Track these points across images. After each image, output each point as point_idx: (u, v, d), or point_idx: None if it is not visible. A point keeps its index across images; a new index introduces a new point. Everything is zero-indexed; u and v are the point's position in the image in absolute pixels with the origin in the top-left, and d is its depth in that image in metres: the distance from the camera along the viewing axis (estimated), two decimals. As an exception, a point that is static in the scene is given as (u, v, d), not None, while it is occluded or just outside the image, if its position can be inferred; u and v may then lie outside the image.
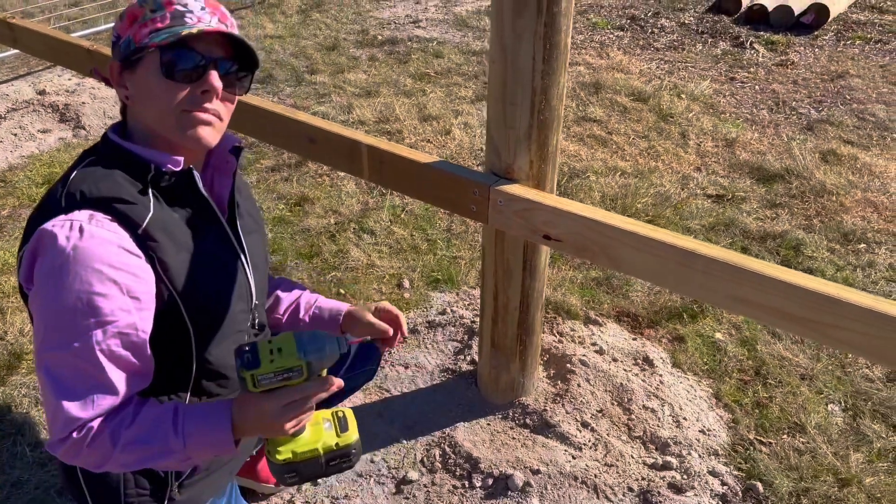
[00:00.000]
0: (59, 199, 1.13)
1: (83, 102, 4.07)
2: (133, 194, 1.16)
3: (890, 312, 1.26)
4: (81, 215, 1.10)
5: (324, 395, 1.16)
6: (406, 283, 2.79)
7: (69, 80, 4.38)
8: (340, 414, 1.28)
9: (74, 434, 1.10)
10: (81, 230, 1.09)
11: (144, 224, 1.15)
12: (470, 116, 4.06)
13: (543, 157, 1.74)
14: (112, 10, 5.50)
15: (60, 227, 1.09)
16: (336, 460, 1.23)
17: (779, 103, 4.24)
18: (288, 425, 1.14)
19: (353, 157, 1.93)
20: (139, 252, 1.14)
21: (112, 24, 4.99)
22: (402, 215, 3.20)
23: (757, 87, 4.46)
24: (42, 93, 4.17)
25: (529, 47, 1.57)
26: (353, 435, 1.24)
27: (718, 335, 2.51)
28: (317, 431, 1.23)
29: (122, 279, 1.10)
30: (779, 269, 1.39)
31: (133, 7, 1.19)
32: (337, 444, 1.22)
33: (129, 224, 1.13)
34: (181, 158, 1.21)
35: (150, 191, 1.18)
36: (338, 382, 1.17)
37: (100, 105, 4.09)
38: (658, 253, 1.52)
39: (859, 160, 3.55)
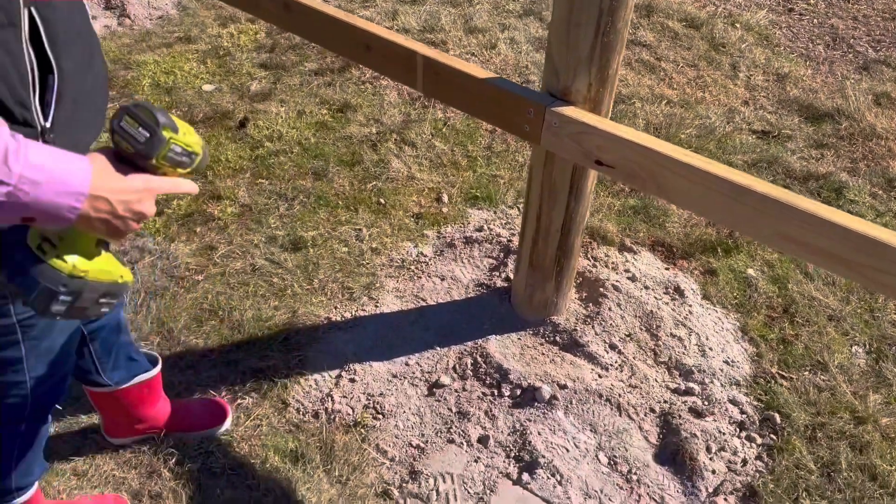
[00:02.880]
0: None
1: (128, -9, 4.03)
2: None
3: (937, 261, 1.29)
4: None
5: (175, 195, 1.03)
6: (445, 198, 2.83)
7: (113, -34, 4.32)
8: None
9: None
10: None
11: None
12: (517, 32, 3.98)
13: (602, 81, 1.73)
14: None
15: None
16: (107, 297, 1.03)
17: (836, 39, 4.10)
18: (135, 225, 0.98)
19: (409, 68, 1.93)
20: None
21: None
22: (444, 129, 3.20)
23: (815, 20, 4.30)
24: (87, -22, 4.13)
25: (601, -34, 1.54)
26: (129, 276, 1.07)
27: (751, 271, 2.54)
28: (111, 259, 1.05)
29: None
30: (827, 209, 1.41)
31: None
32: (122, 279, 1.05)
33: None
34: None
35: None
36: (193, 188, 1.07)
37: (144, -5, 4.05)
38: (710, 186, 1.53)
39: (913, 105, 3.46)
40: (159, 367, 1.86)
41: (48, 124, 1.06)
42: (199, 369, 2.18)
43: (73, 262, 0.97)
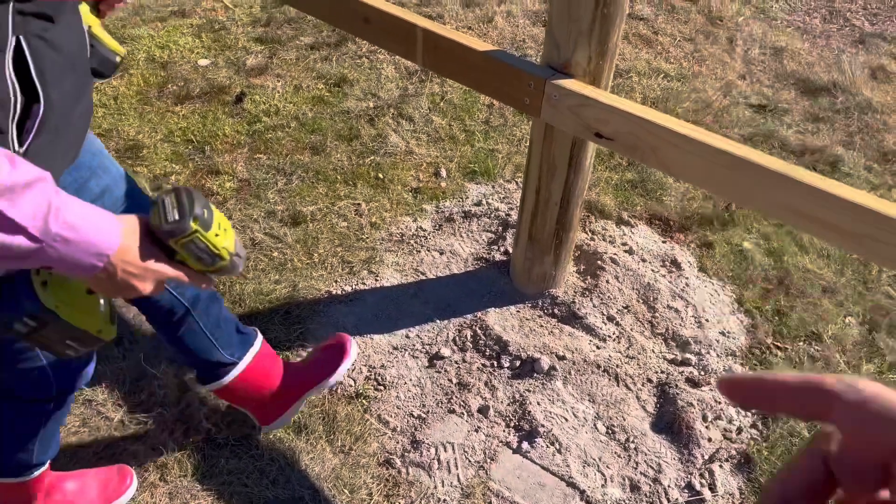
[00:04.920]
0: None
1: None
2: None
3: (932, 230, 1.31)
4: None
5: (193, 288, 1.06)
6: (443, 173, 2.83)
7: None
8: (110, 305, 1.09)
9: None
10: None
11: None
12: (513, 5, 3.95)
13: (602, 54, 1.74)
14: None
15: None
16: (75, 342, 1.02)
17: (833, 13, 4.09)
18: (125, 294, 0.97)
19: (409, 41, 1.93)
20: None
21: None
22: (441, 104, 3.19)
23: (812, -6, 4.28)
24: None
25: (602, -63, 1.54)
26: (112, 334, 1.07)
27: (747, 244, 2.57)
28: (95, 308, 1.03)
29: None
30: (824, 180, 1.43)
31: None
32: (100, 333, 1.03)
33: None
34: None
35: None
36: (204, 283, 1.07)
37: (137, -32, 4.01)
38: (709, 157, 1.55)
39: (909, 79, 3.47)
40: (259, 334, 1.83)
41: (22, 150, 1.04)
42: (202, 343, 2.19)
43: (52, 294, 0.96)
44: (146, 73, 3.29)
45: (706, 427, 1.97)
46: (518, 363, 2.11)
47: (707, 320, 2.27)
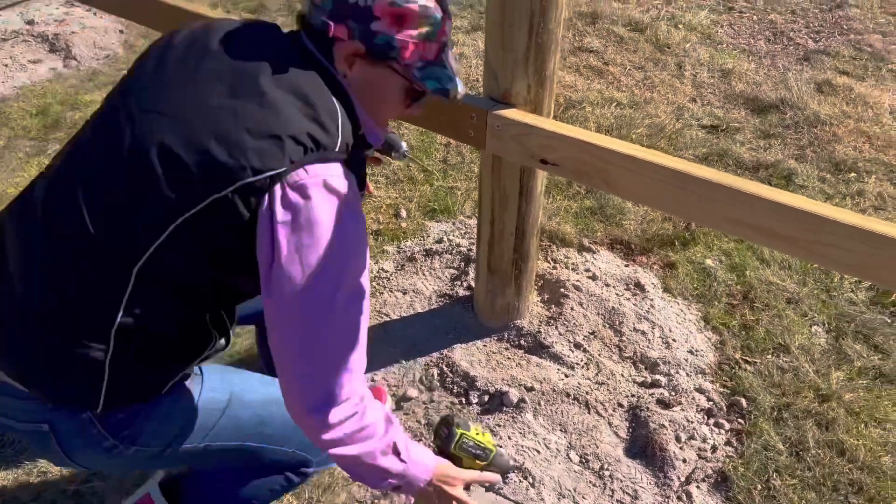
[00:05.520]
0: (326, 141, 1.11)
1: (73, 32, 4.00)
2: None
3: (873, 229, 1.32)
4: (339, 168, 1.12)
5: (483, 484, 1.40)
6: (403, 213, 2.83)
7: (57, 9, 4.29)
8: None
9: (348, 405, 1.12)
10: (345, 182, 1.11)
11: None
12: (465, 47, 4.02)
13: (541, 82, 1.76)
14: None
15: (333, 176, 1.09)
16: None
17: (776, 34, 4.21)
18: (461, 494, 1.32)
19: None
20: None
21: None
22: (399, 146, 3.20)
23: (755, 17, 4.41)
24: (31, 22, 4.09)
25: (528, -32, 1.57)
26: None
27: (709, 261, 2.58)
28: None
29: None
30: (770, 190, 1.43)
31: (410, 6, 1.15)
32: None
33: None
34: (381, 134, 1.28)
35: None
36: (496, 479, 1.40)
37: (90, 35, 4.03)
38: (654, 176, 1.55)
39: (854, 91, 3.56)
40: None
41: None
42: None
43: None
44: (100, 136, 3.27)
45: (680, 448, 1.94)
46: (486, 398, 2.07)
47: (674, 340, 2.26)
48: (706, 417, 2.04)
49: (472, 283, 2.42)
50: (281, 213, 1.05)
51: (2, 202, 2.87)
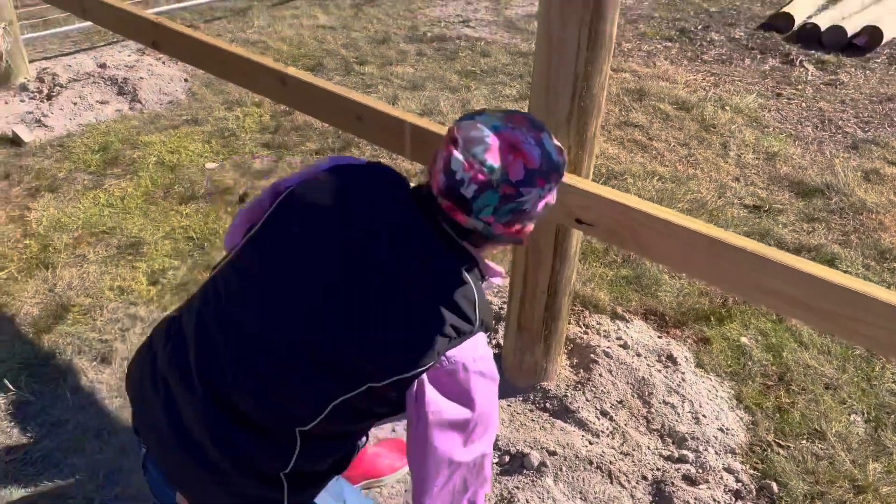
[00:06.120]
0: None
1: (141, 77, 4.22)
2: None
3: (913, 308, 1.29)
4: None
5: None
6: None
7: (129, 55, 4.54)
8: None
9: None
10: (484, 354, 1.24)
11: None
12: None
13: (581, 144, 1.79)
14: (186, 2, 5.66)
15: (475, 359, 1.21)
16: None
17: (824, 121, 4.21)
18: None
19: (398, 136, 2.00)
20: None
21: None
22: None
23: (803, 104, 4.43)
24: (103, 66, 4.34)
25: (575, 33, 1.62)
26: None
27: (744, 339, 2.52)
28: None
29: None
30: (805, 262, 1.42)
31: (559, 175, 1.23)
32: None
33: None
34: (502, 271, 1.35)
35: None
36: None
37: (156, 81, 4.24)
38: (688, 241, 1.55)
39: (903, 181, 3.51)
40: None
41: None
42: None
43: None
44: (154, 175, 3.41)
45: (705, 528, 1.87)
46: (507, 458, 2.03)
47: (704, 416, 2.20)
48: (734, 499, 1.96)
49: (501, 341, 2.41)
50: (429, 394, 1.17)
51: (56, 229, 2.99)
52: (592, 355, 2.35)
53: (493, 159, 1.14)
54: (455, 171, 1.14)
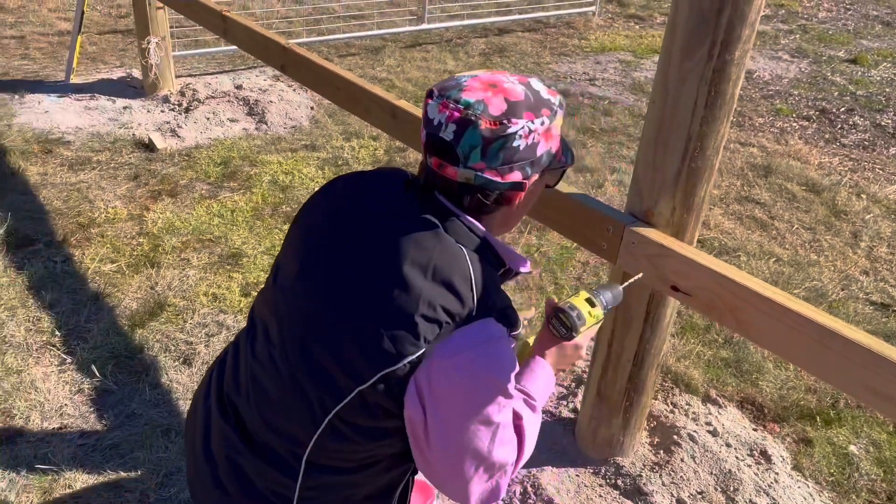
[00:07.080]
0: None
1: (271, 101, 4.44)
2: None
3: None
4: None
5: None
6: (524, 322, 2.76)
7: (264, 80, 4.80)
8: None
9: None
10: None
11: None
12: (627, 176, 3.99)
13: (687, 207, 1.68)
14: (314, 26, 5.97)
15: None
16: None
17: (975, 222, 3.82)
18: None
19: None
20: None
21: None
22: (536, 254, 3.18)
23: (952, 201, 4.05)
24: (239, 87, 4.60)
25: (693, 91, 1.53)
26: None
27: (853, 448, 2.26)
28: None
29: None
30: (930, 368, 1.24)
31: (557, 119, 1.08)
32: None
33: None
34: (528, 260, 1.20)
35: None
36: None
37: (284, 106, 4.44)
38: (793, 325, 1.41)
39: None
40: None
41: None
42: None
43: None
44: (266, 192, 3.53)
45: None
46: (566, 532, 1.89)
47: (795, 526, 1.97)
48: None
49: (578, 407, 2.27)
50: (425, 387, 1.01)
51: (168, 232, 3.14)
52: (676, 437, 2.18)
53: (470, 96, 1.02)
54: (432, 118, 1.02)
